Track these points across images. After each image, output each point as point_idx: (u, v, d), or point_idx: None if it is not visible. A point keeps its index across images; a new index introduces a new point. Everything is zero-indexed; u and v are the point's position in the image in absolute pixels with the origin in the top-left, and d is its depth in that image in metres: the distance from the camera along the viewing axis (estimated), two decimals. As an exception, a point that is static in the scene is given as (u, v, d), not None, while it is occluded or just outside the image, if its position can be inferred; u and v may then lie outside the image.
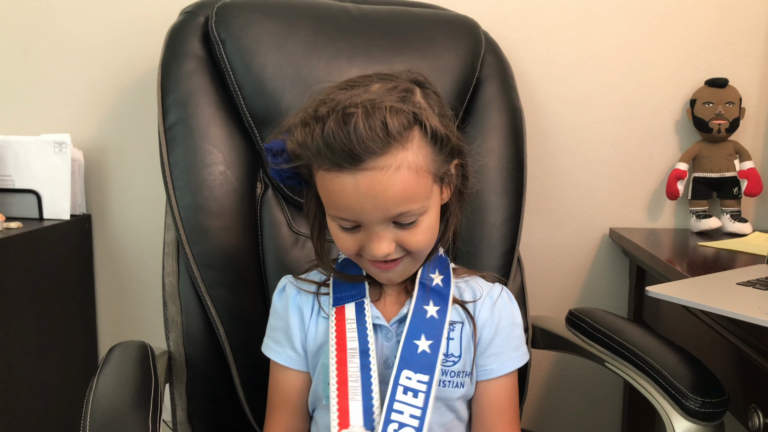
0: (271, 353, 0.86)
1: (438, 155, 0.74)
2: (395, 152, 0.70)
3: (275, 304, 0.87)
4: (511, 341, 0.84)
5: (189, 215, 0.99)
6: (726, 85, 1.33)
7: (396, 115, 0.69)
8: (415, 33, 1.14)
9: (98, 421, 0.73)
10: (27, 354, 1.14)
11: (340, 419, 0.75)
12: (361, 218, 0.73)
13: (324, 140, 0.69)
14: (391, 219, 0.73)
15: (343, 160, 0.69)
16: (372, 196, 0.70)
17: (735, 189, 1.34)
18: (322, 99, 0.73)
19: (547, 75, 1.36)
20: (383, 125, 0.68)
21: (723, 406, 0.81)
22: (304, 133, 0.72)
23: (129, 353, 0.91)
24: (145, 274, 1.37)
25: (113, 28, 1.31)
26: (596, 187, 1.40)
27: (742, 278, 0.90)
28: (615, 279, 1.43)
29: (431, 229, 0.77)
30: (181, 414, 1.03)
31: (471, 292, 0.85)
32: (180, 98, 1.02)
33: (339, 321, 0.80)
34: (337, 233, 0.77)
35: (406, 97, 0.73)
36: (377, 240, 0.73)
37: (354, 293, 0.82)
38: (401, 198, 0.71)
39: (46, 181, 1.24)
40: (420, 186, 0.72)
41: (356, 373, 0.77)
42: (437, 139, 0.73)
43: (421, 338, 0.78)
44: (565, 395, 1.49)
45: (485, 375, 0.83)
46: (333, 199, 0.73)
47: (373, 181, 0.69)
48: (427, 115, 0.72)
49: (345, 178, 0.70)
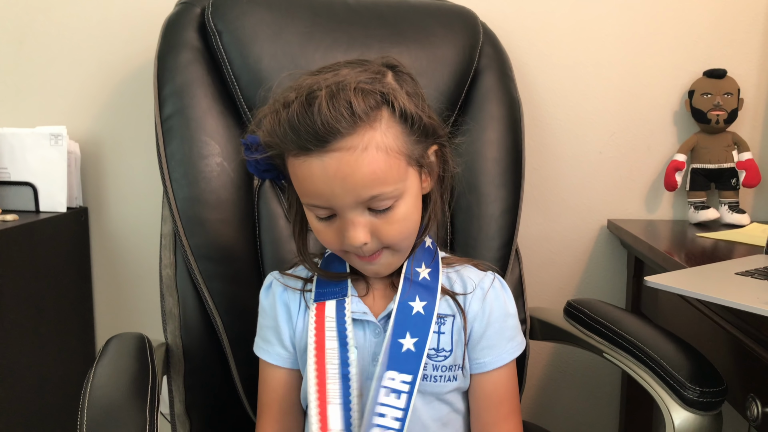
0: (261, 352, 0.84)
1: (409, 135, 0.71)
2: (362, 132, 0.68)
3: (262, 302, 0.85)
4: (504, 332, 0.82)
5: (186, 207, 0.99)
6: (724, 76, 1.33)
7: (362, 95, 0.68)
8: (412, 24, 1.13)
9: (96, 413, 0.72)
10: (24, 346, 1.13)
11: (321, 423, 0.74)
12: (333, 203, 0.71)
13: (289, 123, 0.68)
14: (363, 203, 0.70)
15: (308, 142, 0.67)
16: (341, 179, 0.68)
17: (733, 180, 1.33)
18: (291, 86, 0.72)
19: (546, 66, 1.36)
20: (348, 104, 0.67)
21: (721, 396, 0.81)
22: (272, 121, 0.71)
23: (126, 345, 0.91)
24: (142, 266, 1.37)
25: (109, 19, 1.30)
26: (594, 178, 1.40)
27: (740, 268, 0.90)
28: (613, 270, 1.43)
29: (408, 218, 0.74)
30: (179, 406, 1.03)
31: (461, 283, 0.82)
32: (176, 89, 1.01)
33: (318, 318, 0.78)
34: (317, 226, 0.75)
35: (376, 79, 0.71)
36: (352, 227, 0.71)
37: (336, 290, 0.81)
38: (371, 180, 0.69)
39: (42, 174, 1.24)
40: (391, 167, 0.70)
41: (336, 374, 0.75)
42: (407, 119, 0.71)
43: (406, 336, 0.76)
44: (562, 386, 1.49)
45: (479, 368, 0.81)
46: (304, 185, 0.71)
47: (340, 162, 0.68)
48: (396, 95, 0.70)
49: (313, 162, 0.69)
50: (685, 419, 0.82)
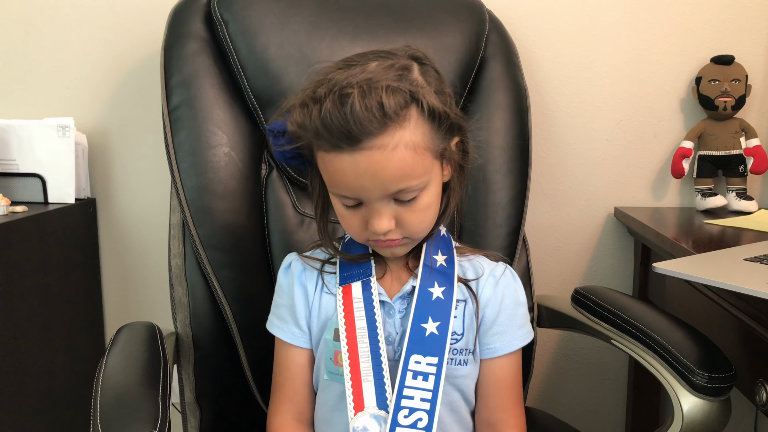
0: (275, 330, 0.86)
1: (436, 132, 0.74)
2: (392, 131, 0.70)
3: (280, 280, 0.87)
4: (515, 320, 0.84)
5: (194, 197, 0.99)
6: (732, 63, 1.32)
7: (392, 94, 0.70)
8: (418, 12, 1.13)
9: (109, 400, 0.73)
10: (34, 337, 1.14)
11: (355, 401, 0.77)
12: (362, 196, 0.73)
13: (322, 122, 0.70)
14: (390, 196, 0.73)
15: (341, 141, 0.69)
16: (370, 175, 0.71)
17: (741, 167, 1.33)
18: (320, 80, 0.73)
19: (552, 54, 1.35)
20: (380, 105, 0.69)
21: (730, 381, 0.81)
22: (302, 115, 0.72)
23: (137, 334, 0.92)
24: (151, 256, 1.38)
25: (115, 10, 1.30)
26: (601, 166, 1.40)
27: (749, 254, 0.90)
28: (620, 258, 1.43)
29: (431, 207, 0.77)
30: (189, 395, 1.03)
31: (474, 271, 0.86)
32: (183, 80, 1.02)
33: (346, 300, 0.81)
34: (342, 211, 0.78)
35: (403, 75, 0.73)
36: (377, 216, 0.74)
37: (360, 272, 0.83)
38: (399, 176, 0.71)
39: (50, 165, 1.24)
40: (418, 163, 0.72)
41: (366, 353, 0.78)
42: (435, 117, 0.73)
43: (429, 321, 0.79)
44: (570, 374, 1.49)
45: (489, 353, 0.83)
46: (333, 178, 0.74)
47: (371, 160, 0.70)
48: (424, 93, 0.72)
49: (344, 158, 0.71)
50: (693, 405, 0.82)
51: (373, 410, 0.76)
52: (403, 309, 0.82)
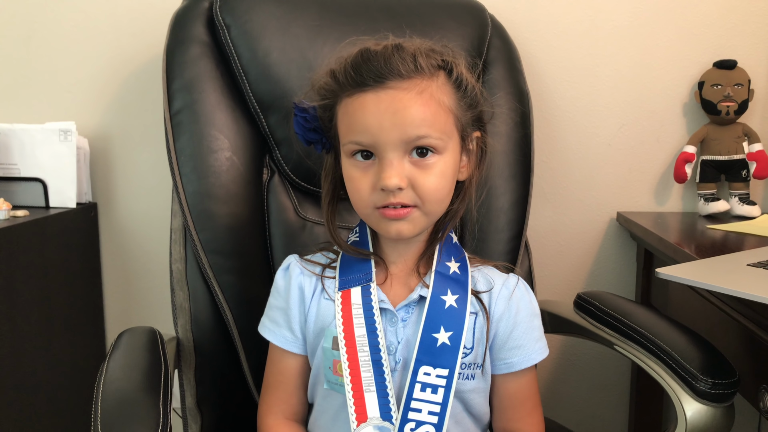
0: (267, 332, 0.84)
1: (461, 100, 0.76)
2: (420, 80, 0.72)
3: (278, 282, 0.85)
4: (532, 332, 0.82)
5: (196, 201, 0.99)
6: (734, 67, 1.32)
7: (426, 55, 0.73)
8: (420, 16, 1.13)
9: (110, 405, 0.73)
10: (35, 342, 1.14)
11: (357, 412, 0.74)
12: (378, 138, 0.72)
13: (352, 63, 0.73)
14: (407, 143, 0.72)
15: (368, 78, 0.72)
16: (392, 112, 0.71)
17: (743, 172, 1.33)
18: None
19: (554, 58, 1.35)
20: (412, 57, 0.72)
21: (733, 387, 0.81)
22: (332, 69, 0.76)
23: (138, 338, 0.91)
24: (152, 261, 1.37)
25: (117, 14, 1.30)
26: (603, 170, 1.39)
27: (752, 259, 0.89)
28: (622, 263, 1.43)
29: (445, 177, 0.75)
30: (190, 400, 1.03)
31: (485, 282, 0.82)
32: (185, 84, 1.01)
33: (345, 306, 0.78)
34: (353, 173, 0.75)
35: (445, 50, 0.77)
36: (390, 168, 0.72)
37: (360, 276, 0.80)
38: (420, 119, 0.72)
39: (51, 170, 1.24)
40: (440, 117, 0.73)
41: (368, 362, 0.75)
42: (461, 85, 0.75)
43: (440, 330, 0.76)
44: (573, 379, 1.49)
45: (507, 368, 0.81)
46: (353, 119, 0.73)
47: (394, 98, 0.71)
48: (457, 63, 0.75)
49: (367, 96, 0.72)
50: (697, 411, 0.82)
51: (377, 421, 0.73)
52: (407, 317, 0.79)
